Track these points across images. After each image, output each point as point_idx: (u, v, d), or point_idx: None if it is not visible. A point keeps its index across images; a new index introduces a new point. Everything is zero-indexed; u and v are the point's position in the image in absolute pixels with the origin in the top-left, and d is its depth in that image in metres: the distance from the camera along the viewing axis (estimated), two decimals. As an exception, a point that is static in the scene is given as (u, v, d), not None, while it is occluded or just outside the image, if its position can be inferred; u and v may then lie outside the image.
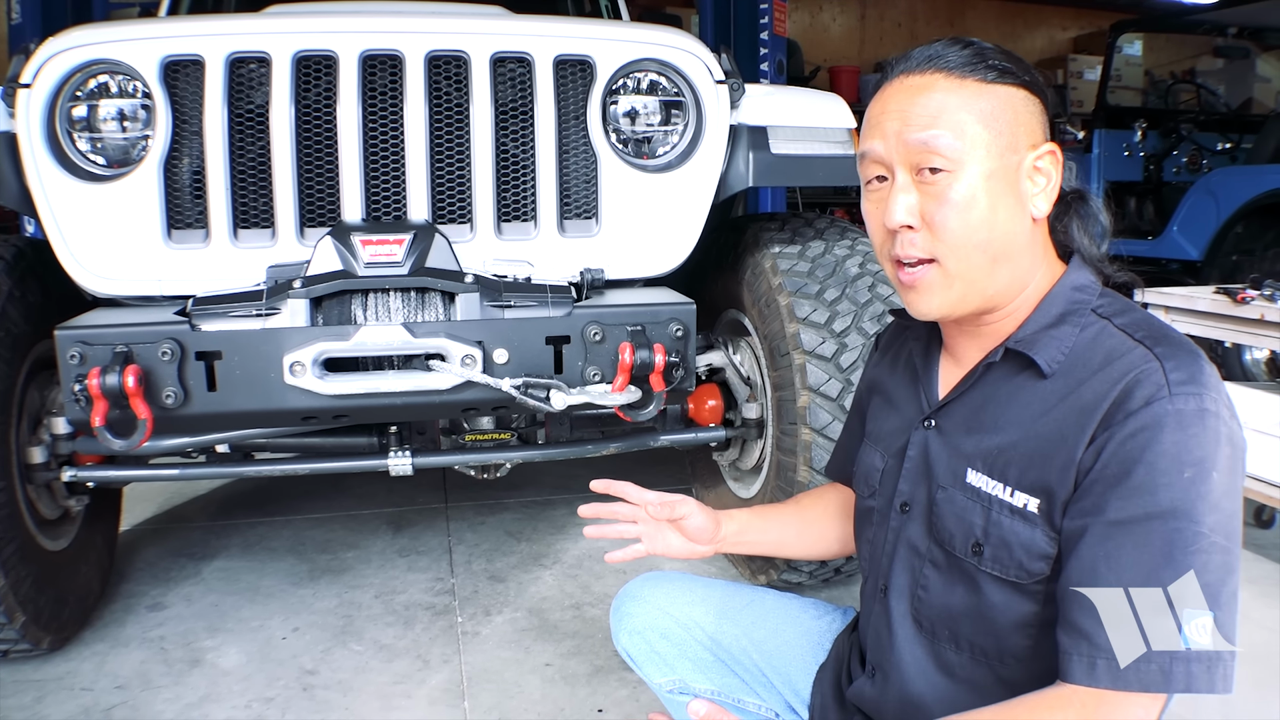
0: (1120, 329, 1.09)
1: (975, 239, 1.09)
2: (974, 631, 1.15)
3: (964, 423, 1.18)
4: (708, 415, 2.76)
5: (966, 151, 1.07)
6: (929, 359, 1.29)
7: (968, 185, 1.08)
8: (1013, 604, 1.11)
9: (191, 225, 2.23)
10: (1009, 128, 1.09)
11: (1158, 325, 1.09)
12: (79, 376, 1.93)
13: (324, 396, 2.02)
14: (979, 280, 1.11)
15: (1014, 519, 1.09)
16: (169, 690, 2.30)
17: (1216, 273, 4.97)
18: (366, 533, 3.30)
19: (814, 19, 11.62)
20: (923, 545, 1.21)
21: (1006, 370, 1.16)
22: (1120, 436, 1.00)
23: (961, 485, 1.16)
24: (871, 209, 1.17)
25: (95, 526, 2.70)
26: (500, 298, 2.13)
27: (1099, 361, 1.07)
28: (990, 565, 1.11)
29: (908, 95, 1.11)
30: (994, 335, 1.17)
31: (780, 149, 2.48)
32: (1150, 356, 1.03)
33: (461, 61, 2.26)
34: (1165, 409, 0.98)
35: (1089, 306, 1.13)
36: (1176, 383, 1.00)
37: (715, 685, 1.47)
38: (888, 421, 1.35)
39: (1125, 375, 1.02)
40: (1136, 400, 1.00)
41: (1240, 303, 3.00)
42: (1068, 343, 1.11)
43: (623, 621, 1.53)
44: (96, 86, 2.15)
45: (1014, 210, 1.10)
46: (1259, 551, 3.08)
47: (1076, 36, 12.54)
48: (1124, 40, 7.70)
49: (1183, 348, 1.04)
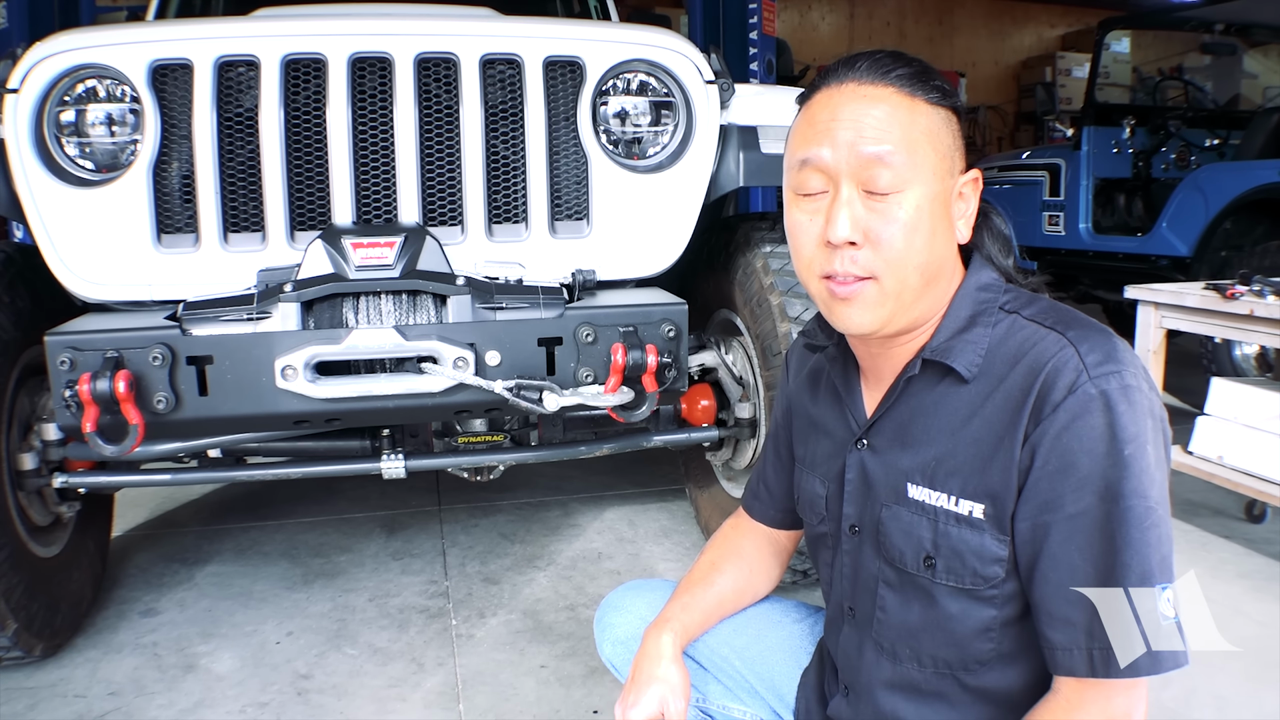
0: (1030, 319, 1.09)
1: (915, 260, 1.07)
2: (935, 645, 1.15)
3: (895, 438, 1.17)
4: (701, 415, 2.76)
5: (915, 171, 1.05)
6: (848, 380, 1.27)
7: (915, 206, 1.05)
8: (970, 612, 1.11)
9: (181, 229, 2.22)
10: (948, 151, 1.09)
11: (1066, 311, 1.10)
12: (69, 382, 1.92)
13: (316, 400, 2.02)
14: (910, 300, 1.09)
15: (961, 527, 1.09)
16: (163, 696, 2.29)
17: (1206, 269, 4.98)
18: (360, 536, 3.29)
19: (803, 18, 11.65)
20: (874, 566, 1.21)
21: (927, 381, 1.15)
22: (1054, 430, 1.01)
23: (904, 501, 1.15)
24: (804, 219, 1.11)
25: (87, 532, 2.69)
26: (492, 300, 2.13)
27: (1014, 355, 1.07)
28: (944, 577, 1.11)
29: (862, 105, 1.06)
30: (909, 351, 1.16)
31: (770, 148, 2.49)
32: (1064, 342, 1.04)
33: (451, 63, 2.25)
34: (1089, 392, 1.00)
35: (996, 304, 1.13)
36: (1094, 364, 1.01)
37: (698, 693, 1.45)
38: (819, 446, 1.32)
39: (1044, 365, 1.03)
40: (1060, 390, 1.01)
41: (1229, 299, 3.00)
42: (982, 344, 1.10)
43: (606, 632, 1.51)
44: (84, 91, 2.15)
45: (947, 233, 1.11)
46: (1251, 546, 3.09)
47: (1065, 34, 12.60)
48: (1112, 38, 7.73)
49: (1093, 329, 1.05)
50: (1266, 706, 2.17)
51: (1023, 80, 12.33)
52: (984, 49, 12.41)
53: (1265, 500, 3.01)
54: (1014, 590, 1.09)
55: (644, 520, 3.40)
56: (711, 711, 1.46)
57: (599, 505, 3.56)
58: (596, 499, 3.63)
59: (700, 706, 1.46)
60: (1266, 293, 2.95)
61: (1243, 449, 3.05)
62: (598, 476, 3.83)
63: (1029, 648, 1.10)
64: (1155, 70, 8.12)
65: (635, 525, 3.35)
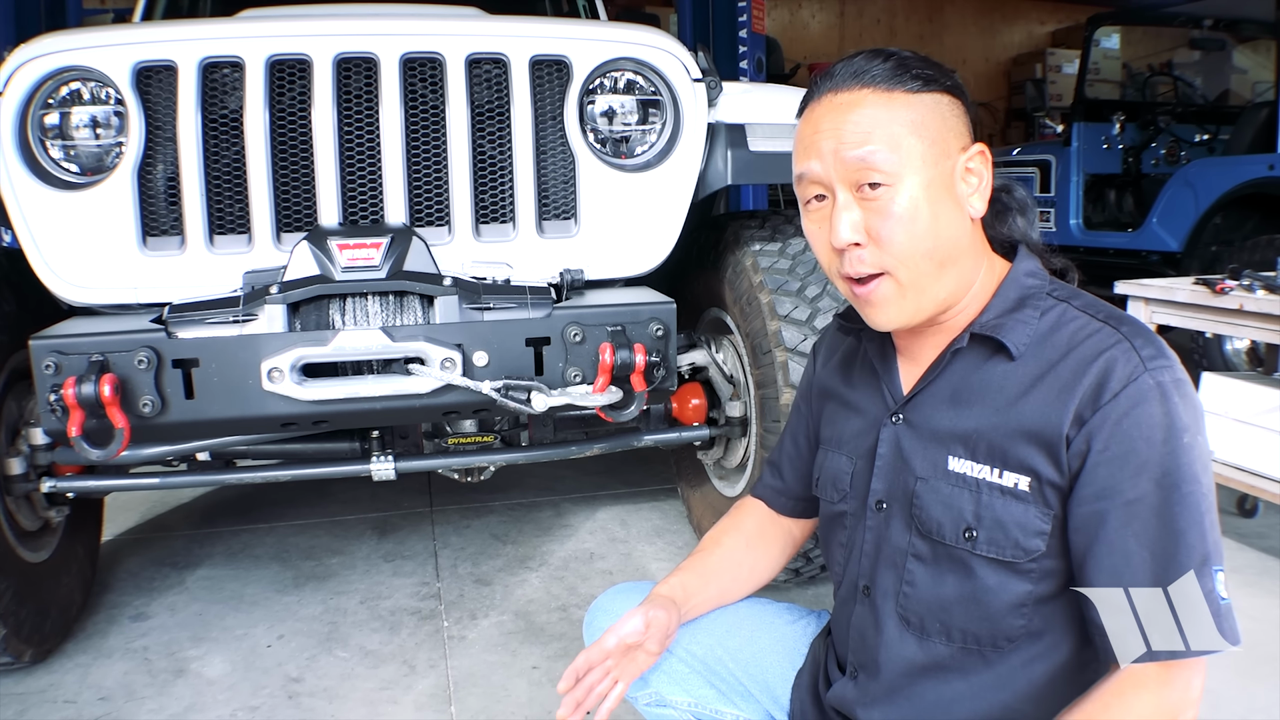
0: (1080, 310, 1.13)
1: (922, 248, 1.11)
2: (967, 619, 1.16)
3: (935, 412, 1.19)
4: (691, 414, 2.75)
5: (903, 164, 1.09)
6: (886, 358, 1.29)
7: (909, 197, 1.09)
8: (1008, 585, 1.12)
9: (167, 232, 2.21)
10: (939, 134, 1.11)
11: (1111, 307, 1.14)
12: (54, 386, 1.91)
13: (303, 402, 2.01)
14: (929, 287, 1.13)
15: (1006, 499, 1.11)
16: (153, 701, 2.28)
17: (1196, 264, 5.00)
18: (351, 538, 3.28)
19: (793, 16, 11.65)
20: (904, 541, 1.21)
21: (973, 356, 1.17)
22: (1114, 417, 1.03)
23: (944, 474, 1.16)
24: (814, 229, 1.18)
25: (76, 537, 2.68)
26: (479, 300, 2.12)
27: (1066, 342, 1.10)
28: (985, 548, 1.12)
29: (839, 113, 1.11)
30: (948, 331, 1.19)
31: (759, 146, 2.48)
32: (1118, 335, 1.07)
33: (437, 63, 2.25)
34: (1148, 383, 1.03)
35: (1044, 291, 1.16)
36: (1149, 358, 1.05)
37: (692, 697, 1.44)
38: (849, 425, 1.34)
39: (1099, 354, 1.06)
40: (1118, 379, 1.04)
41: (1219, 293, 3.01)
42: (1031, 325, 1.13)
43: (596, 636, 1.51)
44: (69, 94, 2.13)
45: (954, 214, 1.12)
46: (1242, 540, 3.10)
47: (1054, 30, 12.61)
48: (1101, 34, 7.74)
49: (1140, 326, 1.10)
50: (1258, 701, 2.18)
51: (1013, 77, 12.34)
52: (974, 46, 12.42)
53: (1256, 495, 3.01)
54: (1051, 568, 1.11)
55: (636, 520, 3.40)
56: (704, 716, 1.45)
57: (591, 505, 3.56)
58: (588, 499, 3.62)
59: (694, 712, 1.45)
60: (1256, 287, 2.95)
61: (1234, 444, 3.05)
62: (590, 476, 3.83)
63: (1057, 630, 1.13)
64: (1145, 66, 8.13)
65: (627, 525, 3.35)
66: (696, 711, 1.46)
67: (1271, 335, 2.92)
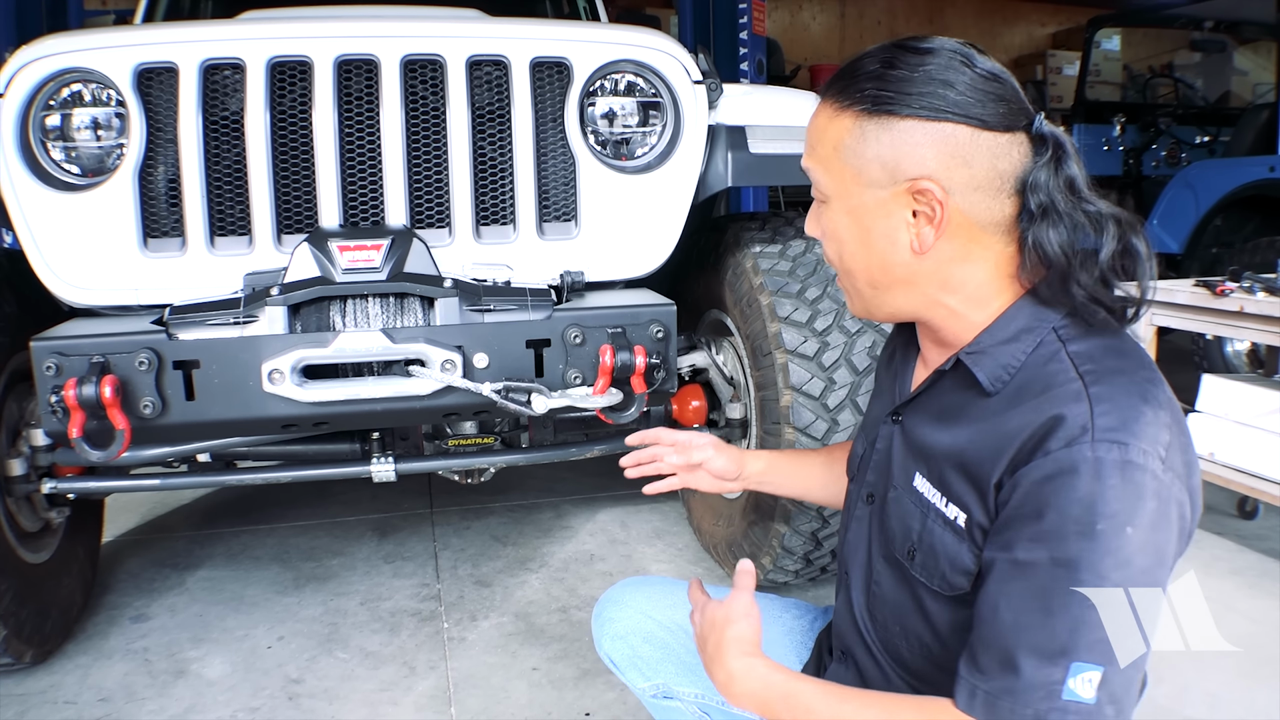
0: (1069, 356, 1.02)
1: (849, 265, 1.14)
2: (920, 629, 1.15)
3: (922, 424, 1.18)
4: (691, 416, 2.76)
5: (833, 186, 1.11)
6: (908, 355, 1.29)
7: (836, 217, 1.12)
8: (945, 610, 1.11)
9: (168, 234, 2.21)
10: (867, 162, 1.06)
11: (1110, 360, 1.01)
12: (55, 388, 1.91)
13: (303, 404, 2.01)
14: (870, 299, 1.16)
15: (945, 530, 1.08)
16: (153, 702, 2.28)
17: (1197, 265, 5.00)
18: (351, 539, 3.28)
19: (794, 18, 11.65)
20: (878, 540, 1.23)
21: (958, 381, 1.13)
22: (1036, 476, 0.96)
23: (909, 488, 1.16)
24: None
25: (77, 538, 2.68)
26: (479, 302, 2.12)
27: (1041, 386, 1.01)
28: (919, 571, 1.12)
29: (809, 122, 1.15)
30: (955, 345, 1.14)
31: (759, 148, 2.47)
32: (1083, 396, 0.97)
33: (437, 65, 2.25)
34: (1084, 454, 0.93)
35: (1050, 325, 1.06)
36: (1103, 429, 0.94)
37: (699, 688, 1.46)
38: (873, 409, 1.37)
39: (1053, 409, 0.97)
40: (1057, 440, 0.95)
41: (1220, 295, 3.01)
42: (1015, 361, 1.05)
43: (605, 627, 1.53)
44: (70, 95, 2.13)
45: (887, 243, 1.08)
46: (1242, 543, 3.10)
47: (1055, 32, 12.61)
48: (1102, 35, 7.74)
49: (1125, 391, 0.97)
50: (1259, 703, 2.18)
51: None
52: (975, 48, 12.41)
53: (1257, 497, 3.01)
54: None
55: (636, 522, 3.40)
56: (710, 709, 1.46)
57: (591, 507, 3.56)
58: (589, 501, 3.62)
59: (699, 703, 1.47)
60: (1256, 289, 2.96)
61: (1235, 445, 3.05)
62: (590, 478, 3.83)
63: None
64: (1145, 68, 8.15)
65: (628, 527, 3.35)
66: (702, 703, 1.47)
67: (1272, 337, 2.92)
